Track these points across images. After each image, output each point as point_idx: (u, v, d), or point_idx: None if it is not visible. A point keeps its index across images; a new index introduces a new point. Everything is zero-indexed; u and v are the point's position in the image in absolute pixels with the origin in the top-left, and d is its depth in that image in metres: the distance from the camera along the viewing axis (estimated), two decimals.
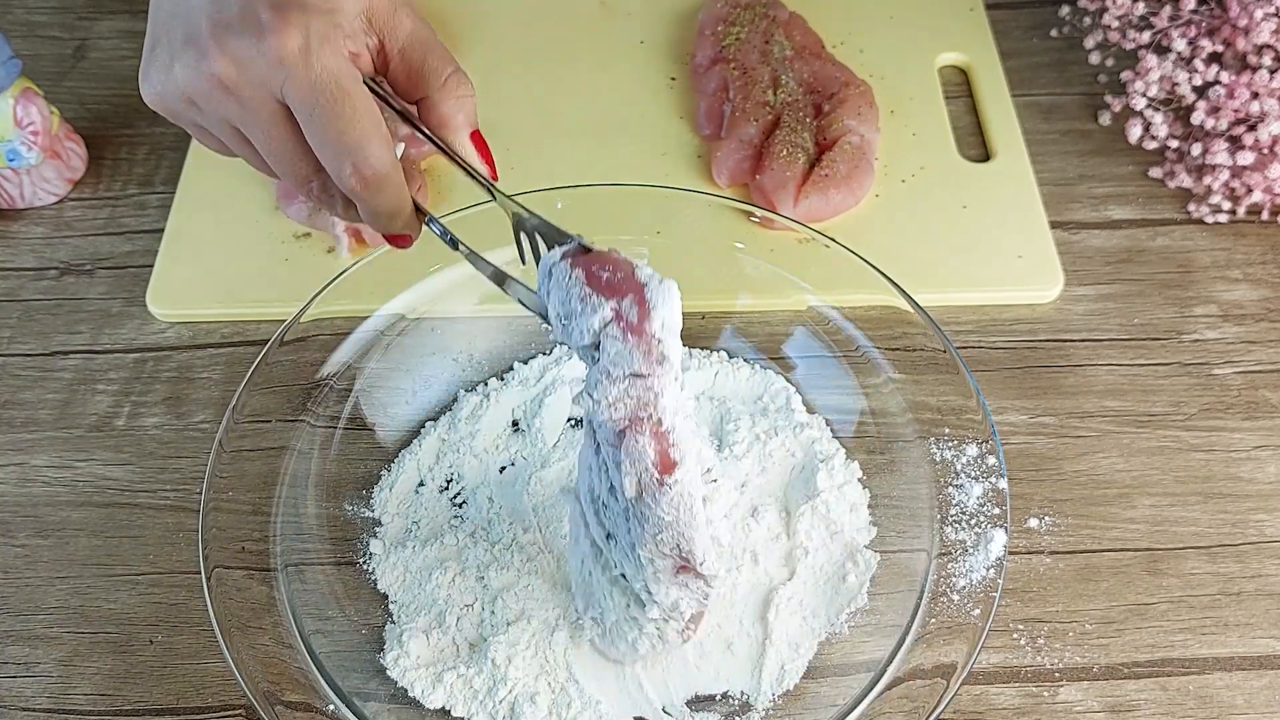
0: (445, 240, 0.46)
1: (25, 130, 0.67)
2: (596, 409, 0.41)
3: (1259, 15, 0.64)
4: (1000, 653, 0.52)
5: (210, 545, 0.50)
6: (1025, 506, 0.57)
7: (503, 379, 0.62)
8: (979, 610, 0.48)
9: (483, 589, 0.53)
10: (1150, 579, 0.54)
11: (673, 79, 0.77)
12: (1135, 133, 0.69)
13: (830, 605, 0.53)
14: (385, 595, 0.54)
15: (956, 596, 0.49)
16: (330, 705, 0.48)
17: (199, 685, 0.52)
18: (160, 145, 0.74)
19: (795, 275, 0.60)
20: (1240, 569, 0.55)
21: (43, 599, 0.55)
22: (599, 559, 0.47)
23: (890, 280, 0.56)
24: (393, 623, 0.53)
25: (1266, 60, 0.65)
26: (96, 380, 0.63)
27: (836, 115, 0.69)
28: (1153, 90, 0.68)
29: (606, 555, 0.46)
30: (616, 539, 0.45)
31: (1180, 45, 0.67)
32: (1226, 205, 0.67)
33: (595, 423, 0.42)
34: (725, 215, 0.62)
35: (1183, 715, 0.50)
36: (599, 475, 0.44)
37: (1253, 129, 0.65)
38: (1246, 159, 0.64)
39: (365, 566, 0.55)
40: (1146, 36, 0.69)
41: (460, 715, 0.50)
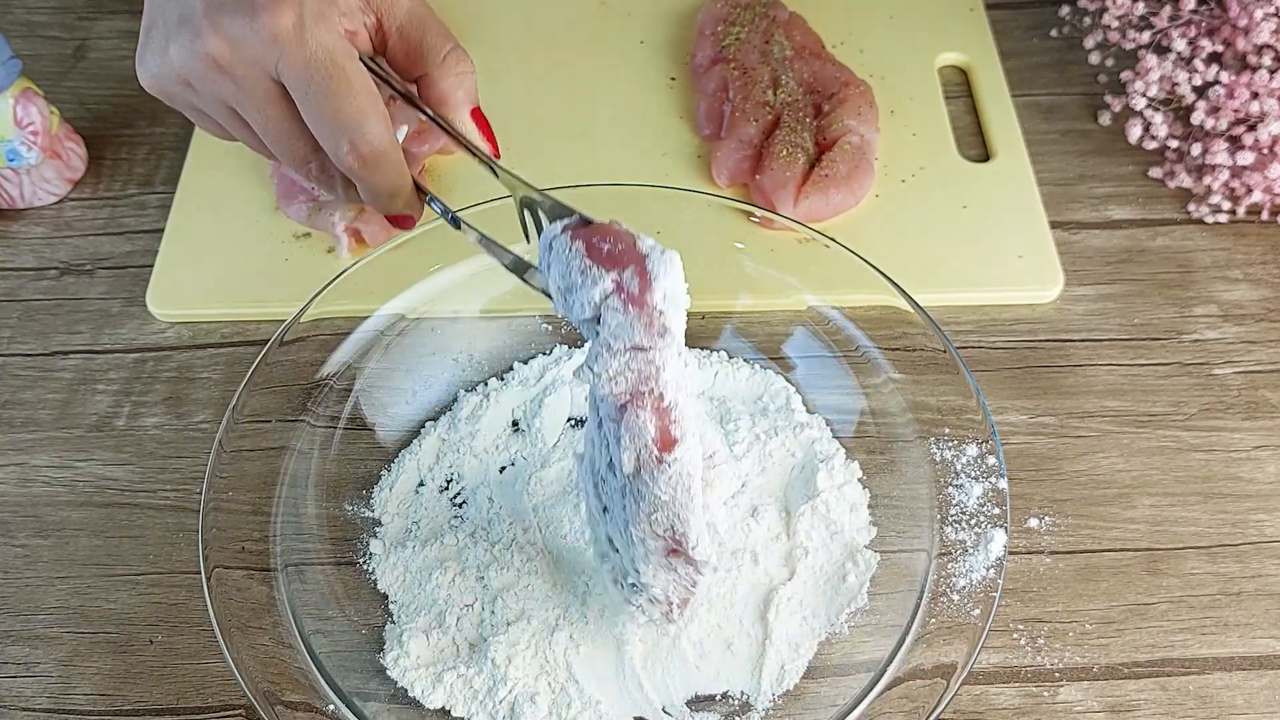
0: (447, 219, 0.46)
1: (25, 130, 0.67)
2: (597, 382, 0.40)
3: (1259, 15, 0.64)
4: (1000, 653, 0.52)
5: (210, 545, 0.50)
6: (1025, 506, 0.57)
7: (503, 379, 0.62)
8: (979, 610, 0.48)
9: (483, 589, 0.53)
10: (1150, 579, 0.54)
11: (673, 79, 0.77)
12: (1135, 133, 0.69)
13: (830, 605, 0.53)
14: (385, 595, 0.54)
15: (956, 596, 0.49)
16: (330, 705, 0.48)
17: (199, 685, 0.52)
18: (160, 145, 0.74)
19: (795, 275, 0.60)
20: (1240, 569, 0.55)
21: (43, 599, 0.55)
22: (594, 529, 0.47)
23: (890, 280, 0.56)
24: (393, 623, 0.53)
25: (1266, 60, 0.65)
26: (96, 380, 0.63)
27: (836, 115, 0.69)
28: (1153, 90, 0.68)
29: (597, 529, 0.46)
30: (612, 514, 0.44)
31: (1180, 45, 0.67)
32: (1226, 205, 0.67)
33: (597, 397, 0.41)
34: (725, 215, 0.62)
35: (1183, 715, 0.50)
36: (600, 449, 0.43)
37: (1253, 129, 0.65)
38: (1246, 159, 0.64)
39: (365, 566, 0.55)
40: (1146, 36, 0.69)
41: (460, 715, 0.50)
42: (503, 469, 0.58)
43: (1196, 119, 0.66)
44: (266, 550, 0.52)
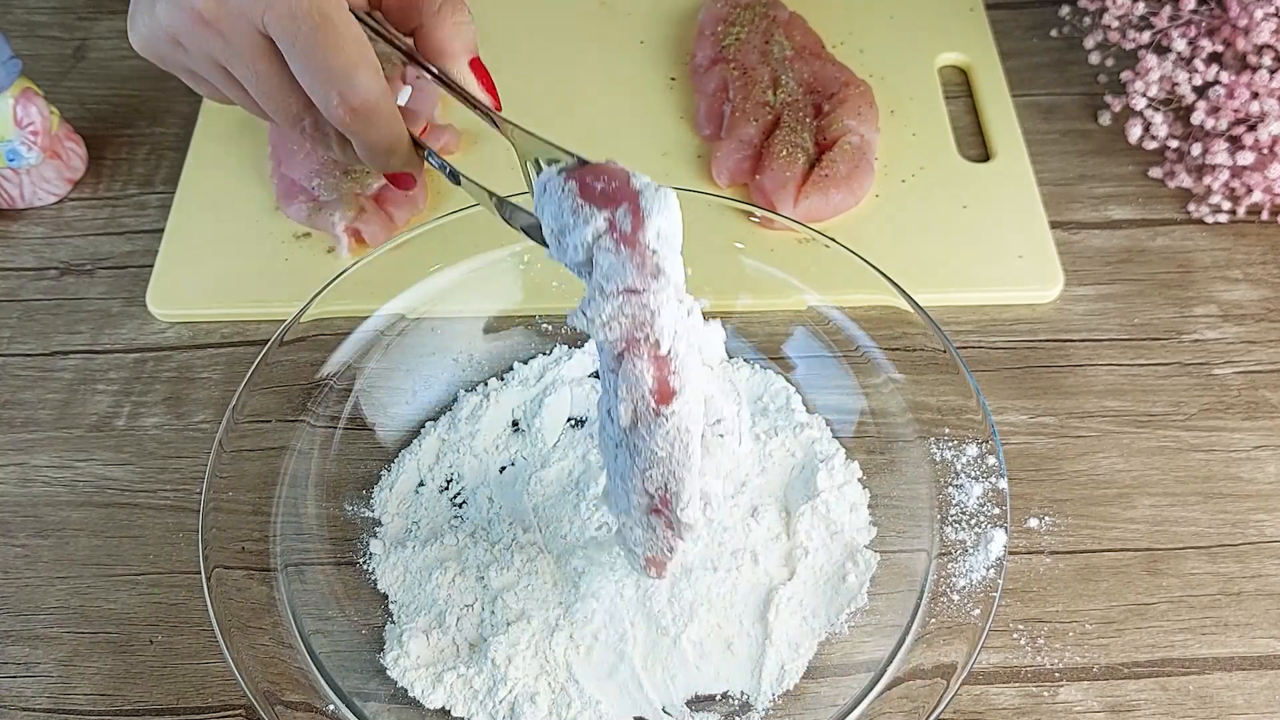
0: (445, 174, 0.45)
1: (25, 130, 0.67)
2: (590, 327, 0.38)
3: (1259, 15, 0.64)
4: (1000, 653, 0.52)
5: (210, 545, 0.50)
6: (1025, 506, 0.57)
7: (503, 379, 0.62)
8: (979, 610, 0.48)
9: (483, 589, 0.53)
10: (1150, 579, 0.54)
11: (673, 79, 0.77)
12: (1135, 133, 0.69)
13: (830, 605, 0.53)
14: (385, 595, 0.54)
15: (956, 596, 0.49)
16: (330, 705, 0.48)
17: (199, 685, 0.52)
18: (160, 145, 0.74)
19: (795, 275, 0.60)
20: (1240, 569, 0.55)
21: (43, 599, 0.55)
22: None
23: (890, 280, 0.56)
24: (393, 623, 0.53)
25: (1266, 60, 0.65)
26: (96, 380, 0.63)
27: (836, 115, 0.69)
28: (1153, 90, 0.68)
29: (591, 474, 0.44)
30: (605, 464, 0.44)
31: (1180, 45, 0.67)
32: (1226, 205, 0.67)
33: (597, 345, 0.40)
34: (725, 215, 0.62)
35: (1183, 715, 0.50)
36: (603, 399, 0.42)
37: (1253, 129, 0.65)
38: (1246, 159, 0.64)
39: (365, 566, 0.55)
40: (1146, 36, 0.69)
41: (460, 715, 0.50)
42: (503, 469, 0.58)
43: (1196, 119, 0.66)
44: (266, 550, 0.52)
